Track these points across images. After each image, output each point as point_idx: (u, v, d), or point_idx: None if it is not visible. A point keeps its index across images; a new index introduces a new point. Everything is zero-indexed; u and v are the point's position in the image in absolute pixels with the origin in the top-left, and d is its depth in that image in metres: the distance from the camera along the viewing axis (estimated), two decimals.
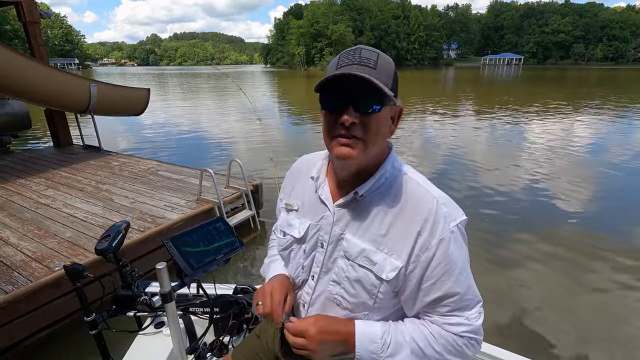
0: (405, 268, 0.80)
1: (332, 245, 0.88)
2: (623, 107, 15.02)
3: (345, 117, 0.74)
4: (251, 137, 9.93)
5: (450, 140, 9.45)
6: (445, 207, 0.81)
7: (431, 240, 0.78)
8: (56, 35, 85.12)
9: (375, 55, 0.75)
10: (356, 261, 0.84)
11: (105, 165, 5.48)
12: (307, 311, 0.96)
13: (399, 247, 0.80)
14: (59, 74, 5.94)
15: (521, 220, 4.70)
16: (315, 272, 0.93)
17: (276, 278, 1.01)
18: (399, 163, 0.88)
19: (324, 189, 0.92)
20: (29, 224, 3.46)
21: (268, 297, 0.91)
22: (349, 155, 0.77)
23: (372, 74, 0.72)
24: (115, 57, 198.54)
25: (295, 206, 0.98)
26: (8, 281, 2.53)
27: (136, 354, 1.20)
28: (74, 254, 2.89)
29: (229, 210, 4.16)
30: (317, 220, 0.92)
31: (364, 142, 0.76)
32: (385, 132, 0.80)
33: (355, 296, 0.85)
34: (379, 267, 0.81)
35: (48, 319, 2.61)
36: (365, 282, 0.83)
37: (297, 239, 0.96)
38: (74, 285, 1.06)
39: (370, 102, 0.74)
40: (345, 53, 0.77)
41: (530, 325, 2.78)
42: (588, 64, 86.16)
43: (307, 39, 73.38)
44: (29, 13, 5.89)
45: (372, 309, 0.85)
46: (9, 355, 2.44)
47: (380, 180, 0.84)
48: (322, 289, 0.91)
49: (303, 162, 1.05)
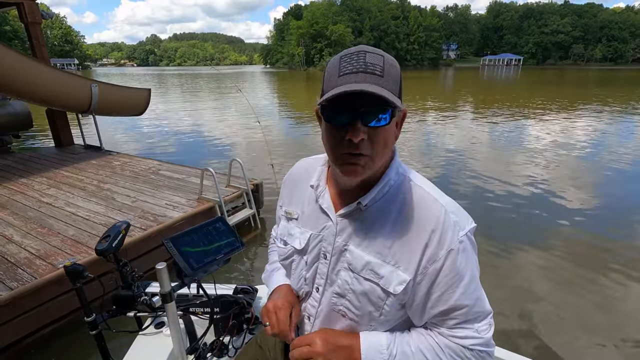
0: (413, 281, 0.77)
1: (335, 257, 0.85)
2: (624, 107, 15.07)
3: (354, 135, 0.68)
4: (252, 137, 9.97)
5: (450, 140, 9.50)
6: (454, 215, 0.77)
7: (439, 252, 0.75)
8: (56, 35, 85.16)
9: (381, 60, 0.69)
10: (361, 274, 0.81)
11: (106, 165, 5.52)
12: (313, 324, 0.94)
13: (406, 259, 0.77)
14: (60, 74, 5.98)
15: (523, 219, 4.75)
16: (319, 284, 0.90)
17: (278, 292, 1.00)
18: (403, 168, 0.84)
19: (325, 198, 0.87)
20: (32, 222, 3.49)
21: (273, 316, 0.91)
22: (357, 173, 0.74)
23: (381, 83, 0.67)
24: (114, 57, 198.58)
25: (295, 215, 0.95)
26: (13, 278, 2.57)
27: (136, 354, 1.19)
28: (77, 252, 2.93)
29: (230, 209, 4.20)
30: (318, 230, 0.88)
31: (371, 159, 0.72)
32: (392, 141, 0.76)
33: (360, 308, 0.83)
34: (385, 281, 0.78)
35: (52, 316, 2.64)
36: (371, 295, 0.81)
37: (298, 250, 0.93)
38: (74, 286, 1.06)
39: (380, 116, 0.69)
40: (347, 56, 0.70)
41: (535, 328, 2.76)
42: (587, 65, 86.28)
43: (306, 40, 73.49)
44: (31, 14, 5.93)
45: (379, 320, 0.83)
46: (13, 351, 2.47)
47: (385, 188, 0.80)
48: (327, 301, 0.89)
49: (302, 168, 1.00)
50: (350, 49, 0.72)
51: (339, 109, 0.69)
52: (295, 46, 76.21)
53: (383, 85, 0.67)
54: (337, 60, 0.72)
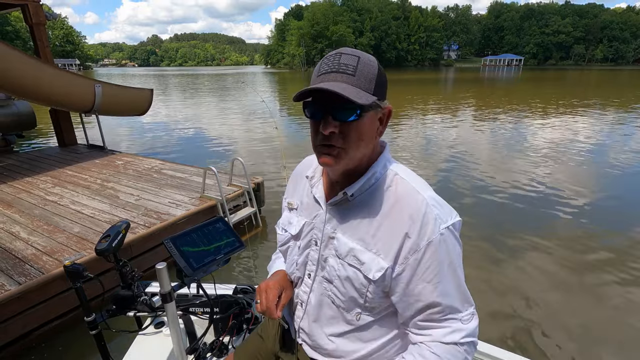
0: (392, 269, 0.81)
1: (324, 243, 0.91)
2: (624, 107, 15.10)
3: (324, 128, 0.76)
4: (252, 137, 10.03)
5: (450, 140, 9.55)
6: (436, 208, 0.80)
7: (420, 242, 0.78)
8: (57, 36, 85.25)
9: (354, 60, 0.75)
10: (345, 260, 0.86)
11: (109, 164, 5.59)
12: (305, 310, 0.99)
13: (387, 247, 0.81)
14: (64, 74, 6.04)
15: (524, 218, 4.80)
16: (311, 270, 0.95)
17: (274, 275, 1.05)
18: (391, 163, 0.88)
19: (318, 188, 0.94)
20: (38, 220, 3.56)
21: (263, 294, 0.96)
22: (329, 164, 0.80)
23: (350, 82, 0.73)
24: (115, 58, 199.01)
25: (295, 205, 1.02)
26: (21, 273, 2.64)
27: (136, 354, 1.19)
28: (83, 248, 2.99)
29: (232, 207, 4.27)
30: (311, 218, 0.94)
31: (344, 150, 0.78)
32: (370, 136, 0.80)
33: (345, 294, 0.87)
34: (366, 267, 0.83)
35: (58, 310, 2.71)
36: (354, 281, 0.85)
37: (293, 235, 0.99)
38: (74, 286, 1.06)
39: (349, 112, 0.74)
40: (327, 58, 0.78)
41: (529, 326, 2.79)
42: (588, 65, 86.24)
43: (307, 40, 73.57)
44: (35, 15, 6.00)
45: (364, 307, 0.87)
46: (21, 344, 2.54)
47: (371, 180, 0.85)
48: (318, 287, 0.94)
49: (305, 163, 1.07)
50: (333, 51, 0.79)
51: (315, 106, 0.78)
52: (296, 46, 76.32)
53: (353, 83, 0.73)
54: (320, 60, 0.80)
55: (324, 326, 0.95)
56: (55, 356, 2.56)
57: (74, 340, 2.67)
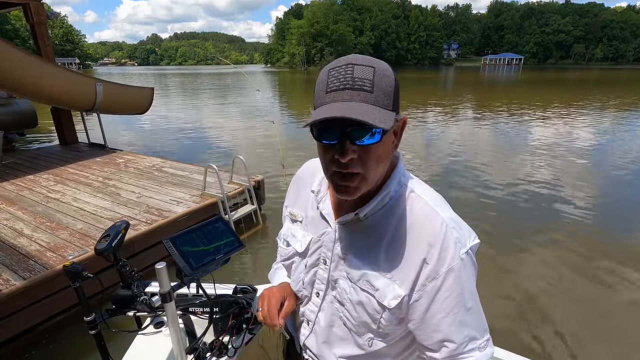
0: (408, 297, 0.76)
1: (334, 263, 0.85)
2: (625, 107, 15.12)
3: (342, 155, 0.66)
4: (253, 137, 10.07)
5: (451, 140, 9.58)
6: (456, 231, 0.74)
7: (439, 270, 0.72)
8: (57, 34, 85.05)
9: (370, 73, 0.64)
10: (358, 284, 0.80)
11: (111, 162, 5.63)
12: (312, 329, 0.94)
13: (403, 274, 0.75)
14: (65, 73, 6.07)
15: (526, 219, 4.83)
16: (320, 289, 0.90)
17: (278, 284, 1.02)
18: (406, 178, 0.80)
19: (326, 204, 0.87)
20: (41, 216, 3.60)
21: (265, 301, 0.93)
22: (350, 194, 0.72)
23: (369, 100, 0.63)
24: (115, 56, 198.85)
25: (300, 217, 0.95)
26: (25, 269, 2.68)
27: (136, 353, 1.18)
28: (86, 244, 3.03)
29: (232, 205, 4.30)
30: (318, 235, 0.88)
31: (364, 178, 0.70)
32: (388, 154, 0.73)
33: (357, 319, 0.82)
34: (380, 293, 0.77)
35: (61, 306, 2.75)
36: (367, 306, 0.79)
37: (299, 252, 0.94)
38: (74, 285, 1.06)
39: (369, 133, 0.65)
40: (335, 70, 0.66)
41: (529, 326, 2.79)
42: (588, 64, 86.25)
43: (307, 39, 73.50)
44: (37, 14, 6.02)
45: (377, 333, 0.82)
46: (25, 339, 2.59)
47: (385, 199, 0.78)
48: (328, 307, 0.89)
49: (308, 170, 0.98)
50: (340, 59, 0.67)
51: (327, 128, 0.66)
52: (296, 45, 76.27)
53: (372, 101, 0.63)
54: (325, 73, 0.67)
55: (334, 347, 0.90)
56: (57, 351, 2.59)
57: (75, 335, 2.70)
